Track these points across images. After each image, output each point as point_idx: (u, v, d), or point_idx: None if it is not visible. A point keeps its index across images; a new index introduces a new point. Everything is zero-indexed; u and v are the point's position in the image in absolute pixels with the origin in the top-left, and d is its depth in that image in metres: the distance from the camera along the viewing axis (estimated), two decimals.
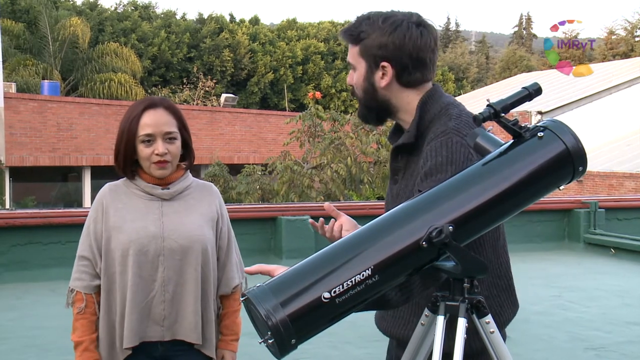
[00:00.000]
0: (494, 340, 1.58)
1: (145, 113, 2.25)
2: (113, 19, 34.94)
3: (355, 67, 1.88)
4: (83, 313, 2.24)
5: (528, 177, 1.52)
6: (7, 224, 6.58)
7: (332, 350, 4.46)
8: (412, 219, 1.48)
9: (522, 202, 1.57)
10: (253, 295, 1.39)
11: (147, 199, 2.29)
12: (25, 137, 20.06)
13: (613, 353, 4.71)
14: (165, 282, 2.21)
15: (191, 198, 2.33)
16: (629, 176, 17.61)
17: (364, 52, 1.85)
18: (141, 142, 2.23)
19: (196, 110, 24.08)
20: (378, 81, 1.85)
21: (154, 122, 2.24)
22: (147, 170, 2.27)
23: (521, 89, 1.57)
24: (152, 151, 2.22)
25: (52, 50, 28.68)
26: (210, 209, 2.35)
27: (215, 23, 36.49)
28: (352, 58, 1.89)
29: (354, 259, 1.42)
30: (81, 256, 2.28)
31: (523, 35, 60.72)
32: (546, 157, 1.53)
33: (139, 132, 2.24)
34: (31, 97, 22.00)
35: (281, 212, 7.53)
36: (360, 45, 1.85)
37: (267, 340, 1.37)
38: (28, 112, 20.38)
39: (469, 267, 1.50)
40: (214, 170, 14.33)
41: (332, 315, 1.41)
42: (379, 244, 1.44)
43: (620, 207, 9.03)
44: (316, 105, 14.31)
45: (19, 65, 27.02)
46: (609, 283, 6.88)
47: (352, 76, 1.91)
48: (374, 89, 1.86)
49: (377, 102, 1.88)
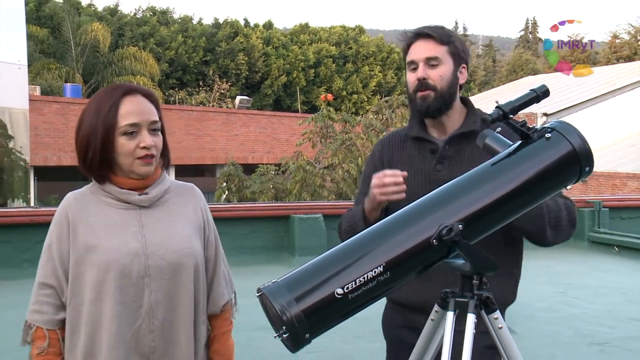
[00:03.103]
0: (503, 336, 1.57)
1: (124, 100, 1.82)
2: (132, 24, 35.08)
3: (442, 62, 2.06)
4: (45, 354, 1.81)
5: (536, 177, 1.51)
6: (32, 221, 6.62)
7: (344, 344, 4.46)
8: (422, 217, 1.47)
9: (530, 201, 1.56)
10: (268, 290, 1.38)
11: (122, 208, 1.84)
12: (48, 138, 20.20)
13: (617, 348, 4.67)
14: (153, 308, 1.79)
15: (172, 203, 1.91)
16: (632, 176, 17.55)
17: (453, 52, 2.08)
18: (122, 135, 1.80)
19: (212, 112, 24.15)
20: (460, 79, 2.10)
21: (138, 110, 1.82)
22: (127, 168, 1.82)
23: (529, 91, 1.56)
24: (137, 144, 1.80)
25: (75, 54, 28.84)
26: (196, 214, 1.94)
27: (231, 27, 36.53)
28: (440, 54, 2.06)
29: (366, 256, 1.41)
30: (42, 283, 1.84)
31: (529, 39, 60.43)
32: (553, 157, 1.52)
33: (120, 123, 1.79)
34: (54, 99, 22.14)
35: (294, 211, 7.53)
36: (450, 45, 2.07)
37: (282, 335, 1.37)
38: (51, 114, 20.52)
39: (478, 264, 1.49)
40: (229, 170, 14.31)
41: (345, 311, 1.41)
42: (391, 242, 1.44)
43: (624, 207, 8.98)
44: (328, 107, 14.29)
45: (43, 69, 27.21)
46: (612, 280, 6.83)
47: (428, 71, 2.05)
48: (456, 84, 2.09)
49: (453, 95, 2.08)
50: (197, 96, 31.64)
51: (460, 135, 2.07)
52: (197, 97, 31.53)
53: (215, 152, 22.37)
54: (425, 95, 2.05)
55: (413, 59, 2.09)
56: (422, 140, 2.12)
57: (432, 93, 2.05)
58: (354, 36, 38.81)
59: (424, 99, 2.06)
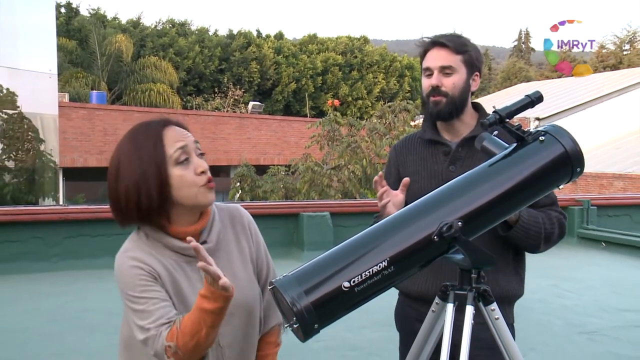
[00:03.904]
0: (499, 326, 1.56)
1: (165, 131, 1.56)
2: (153, 36, 35.18)
3: (456, 70, 2.03)
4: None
5: (530, 178, 1.50)
6: (61, 219, 6.67)
7: (349, 333, 4.44)
8: (424, 215, 1.46)
9: (525, 200, 1.55)
10: (280, 284, 1.37)
11: (184, 262, 1.57)
12: (76, 141, 20.29)
13: (604, 337, 4.65)
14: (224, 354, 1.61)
15: (227, 242, 1.65)
16: (617, 177, 17.54)
17: (467, 61, 2.05)
18: (177, 165, 1.52)
19: (226, 117, 24.18)
20: (473, 86, 2.08)
21: (180, 135, 1.57)
22: (192, 201, 1.54)
23: (524, 96, 1.55)
24: (194, 171, 1.54)
25: (100, 63, 28.99)
26: (249, 244, 1.70)
27: (244, 38, 36.58)
28: (454, 63, 2.03)
29: (372, 252, 1.40)
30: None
31: (522, 49, 60.12)
32: (547, 159, 1.51)
33: (170, 151, 1.53)
34: (81, 105, 22.26)
35: (303, 209, 7.52)
36: (464, 55, 2.04)
37: (293, 325, 1.36)
38: (79, 119, 20.62)
39: (476, 259, 1.48)
40: (242, 171, 14.32)
41: (351, 303, 1.39)
42: (395, 238, 1.42)
43: (610, 205, 8.93)
44: (334, 112, 14.30)
45: (71, 77, 27.39)
46: (600, 274, 6.80)
47: (442, 79, 2.03)
48: (468, 91, 2.07)
49: (464, 101, 2.06)
50: (213, 102, 31.71)
51: (472, 138, 2.01)
52: (213, 102, 31.59)
53: (230, 154, 22.40)
54: (437, 101, 2.05)
55: (428, 66, 2.07)
56: (436, 142, 2.11)
57: (443, 99, 2.04)
58: (359, 46, 38.78)
59: (436, 104, 2.05)
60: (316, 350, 4.00)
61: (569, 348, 4.44)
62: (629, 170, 17.95)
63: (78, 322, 4.81)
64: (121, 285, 1.55)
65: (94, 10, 35.25)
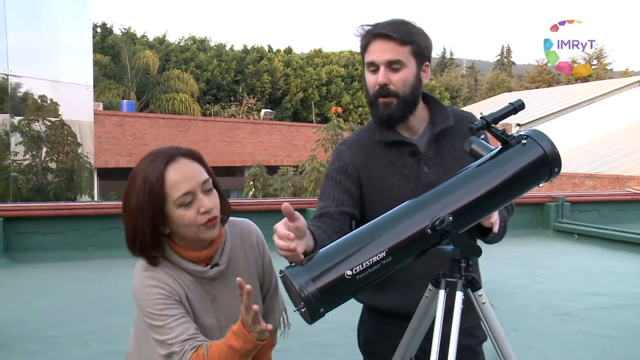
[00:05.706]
0: (485, 310, 1.54)
1: (168, 169, 1.43)
2: (177, 51, 35.23)
3: (405, 64, 1.63)
4: None
5: (513, 177, 1.49)
6: (96, 213, 6.72)
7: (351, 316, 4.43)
8: (419, 211, 1.45)
9: (509, 197, 1.54)
10: (289, 272, 1.36)
11: (198, 283, 1.51)
12: (108, 145, 20.37)
13: (576, 318, 4.65)
14: None
15: (237, 262, 1.57)
16: (588, 176, 17.65)
17: (416, 52, 1.64)
18: (179, 207, 1.42)
19: (241, 123, 24.20)
20: (423, 78, 1.69)
21: (186, 176, 1.43)
22: (192, 237, 1.47)
23: (508, 104, 1.53)
24: (197, 211, 1.43)
25: (130, 76, 29.07)
26: (257, 263, 1.61)
27: (257, 53, 36.59)
28: (403, 56, 1.63)
29: (372, 243, 1.39)
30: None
31: (504, 63, 59.91)
32: (528, 160, 1.49)
33: (172, 196, 1.42)
34: (113, 113, 22.34)
35: (309, 205, 7.51)
36: (412, 45, 1.63)
37: (301, 309, 1.34)
38: (111, 125, 20.69)
39: (465, 250, 1.47)
40: (255, 171, 14.33)
41: (353, 289, 1.38)
42: (392, 231, 1.41)
43: (582, 201, 8.93)
44: (338, 118, 14.28)
45: (105, 89, 27.48)
46: (573, 262, 6.77)
47: (389, 75, 1.63)
48: (419, 86, 1.68)
49: (416, 97, 1.68)
50: (229, 109, 31.75)
51: (437, 134, 1.73)
52: (229, 110, 31.63)
53: (244, 156, 22.41)
54: (387, 102, 1.65)
55: (373, 60, 1.65)
56: (398, 143, 1.71)
57: (394, 100, 1.65)
58: (359, 59, 38.72)
59: (387, 106, 1.65)
60: (321, 330, 4.00)
61: (545, 328, 4.44)
62: (598, 170, 18.09)
63: (111, 304, 4.82)
64: (141, 303, 1.49)
65: (126, 29, 35.44)
